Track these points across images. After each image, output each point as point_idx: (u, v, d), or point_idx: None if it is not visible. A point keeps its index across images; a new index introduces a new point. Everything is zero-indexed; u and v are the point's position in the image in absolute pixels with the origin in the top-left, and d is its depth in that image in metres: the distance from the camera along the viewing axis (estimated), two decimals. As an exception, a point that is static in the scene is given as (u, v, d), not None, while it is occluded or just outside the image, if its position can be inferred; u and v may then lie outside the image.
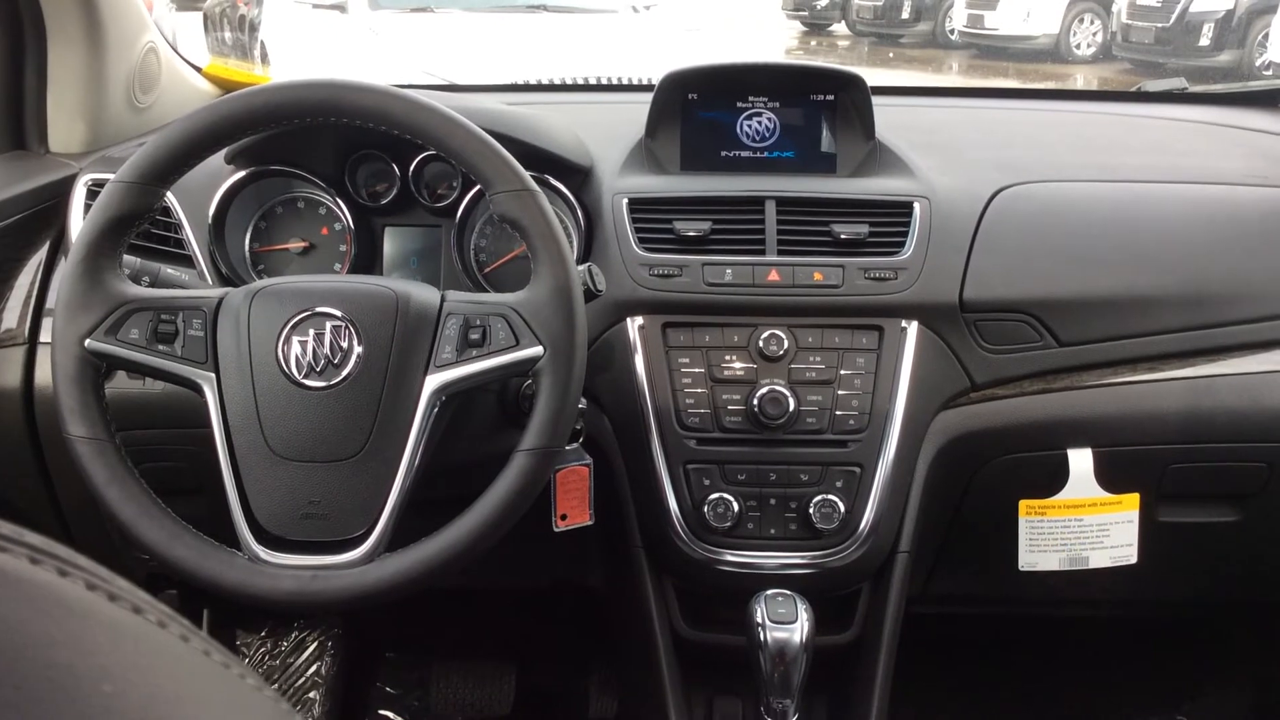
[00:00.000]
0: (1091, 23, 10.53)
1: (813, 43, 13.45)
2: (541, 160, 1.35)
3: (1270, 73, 8.12)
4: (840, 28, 13.45)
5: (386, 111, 1.06)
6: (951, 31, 11.54)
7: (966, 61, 11.12)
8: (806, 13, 13.60)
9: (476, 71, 3.86)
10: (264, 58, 5.67)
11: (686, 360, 1.32)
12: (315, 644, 1.88)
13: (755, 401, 1.29)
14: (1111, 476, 1.37)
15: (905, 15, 12.08)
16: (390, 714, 1.92)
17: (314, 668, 1.87)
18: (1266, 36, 8.58)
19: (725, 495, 1.30)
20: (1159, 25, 9.31)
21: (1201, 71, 8.76)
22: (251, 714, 0.28)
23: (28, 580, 0.25)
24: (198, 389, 1.07)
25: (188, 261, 1.38)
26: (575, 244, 1.39)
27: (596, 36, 5.08)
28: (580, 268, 1.13)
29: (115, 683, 0.24)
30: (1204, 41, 9.04)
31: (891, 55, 11.88)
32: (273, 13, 5.89)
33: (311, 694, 1.85)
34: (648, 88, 1.62)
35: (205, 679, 0.27)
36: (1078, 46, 10.51)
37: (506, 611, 1.98)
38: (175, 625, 0.28)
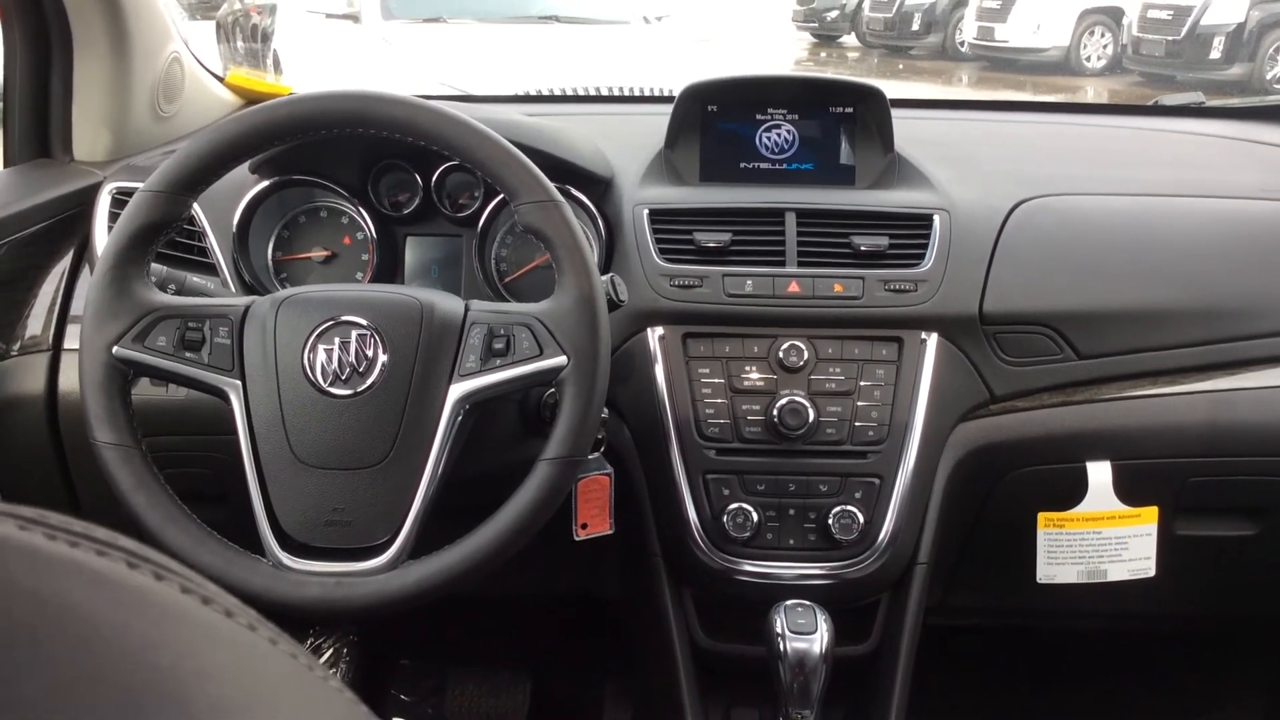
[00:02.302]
0: (1102, 35, 10.52)
1: (822, 54, 13.46)
2: (563, 171, 1.36)
3: (1282, 86, 8.12)
4: (850, 39, 13.46)
5: (414, 123, 1.07)
6: (961, 44, 11.54)
7: (976, 74, 11.12)
8: (816, 24, 13.60)
9: (489, 81, 3.88)
10: (277, 67, 5.70)
11: (707, 370, 1.33)
12: (330, 650, 1.89)
13: (775, 412, 1.29)
14: (1130, 489, 1.37)
15: (915, 27, 12.07)
16: (404, 721, 1.92)
17: (329, 674, 1.87)
18: (1278, 50, 8.58)
19: (744, 505, 1.31)
20: (1170, 38, 9.30)
21: (1212, 84, 8.74)
22: (335, 714, 0.29)
23: (125, 584, 0.26)
24: (224, 396, 1.08)
25: (211, 269, 1.39)
26: (596, 254, 1.39)
27: (609, 47, 5.11)
28: (603, 278, 1.13)
29: (218, 685, 0.24)
30: (1215, 54, 9.02)
31: (901, 67, 11.89)
32: (286, 22, 5.92)
33: (326, 701, 1.85)
34: (667, 99, 1.63)
35: (295, 680, 0.28)
36: (1088, 59, 10.50)
37: (523, 619, 1.98)
38: (264, 629, 0.28)
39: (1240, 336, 1.39)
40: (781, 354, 1.32)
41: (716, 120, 1.50)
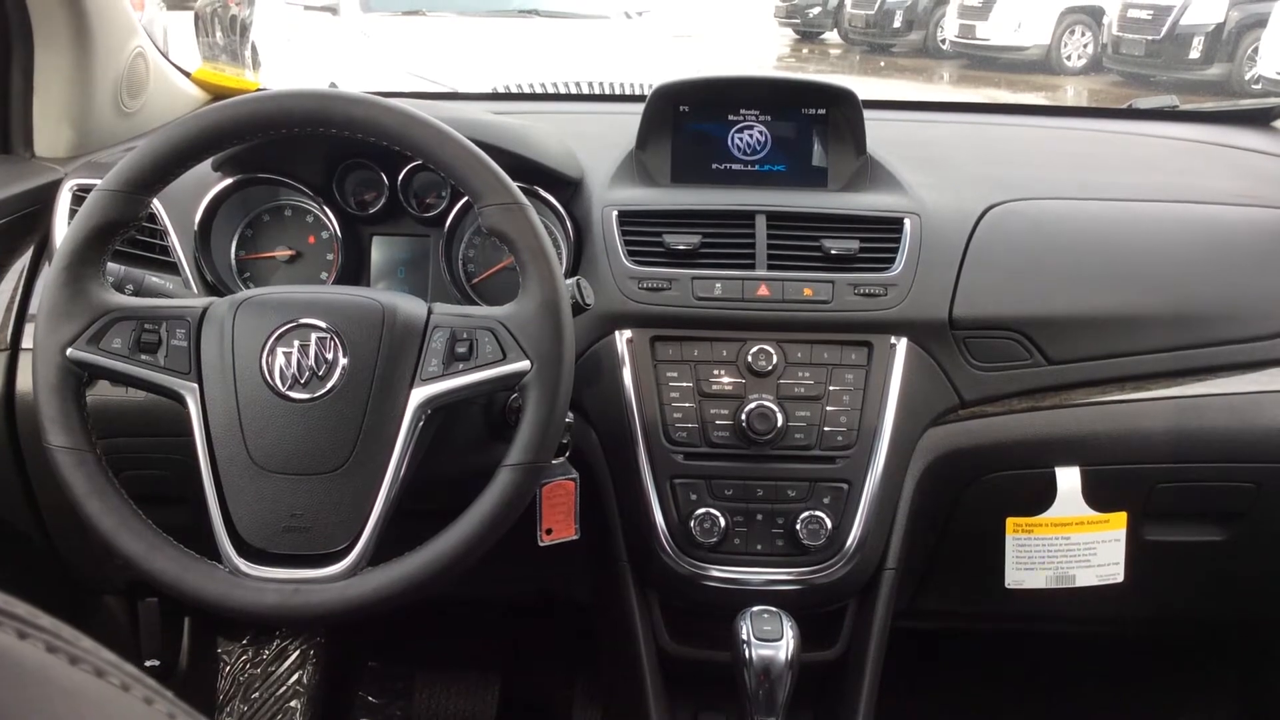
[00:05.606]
0: (1082, 34, 10.56)
1: (804, 51, 13.47)
2: (531, 172, 1.34)
3: (1260, 87, 8.16)
4: (832, 36, 13.47)
5: (376, 123, 1.05)
6: (943, 41, 11.56)
7: (957, 71, 11.14)
8: (799, 20, 13.61)
9: (468, 75, 3.84)
10: (255, 59, 5.65)
11: (675, 374, 1.32)
12: (297, 653, 1.87)
13: (743, 416, 1.28)
14: (1099, 495, 1.37)
15: (897, 24, 12.08)
16: (372, 724, 1.91)
17: (295, 676, 1.86)
18: (1256, 50, 8.62)
19: (712, 510, 1.30)
20: (1149, 38, 9.35)
21: (1191, 84, 8.80)
22: None
23: None
24: (180, 399, 1.06)
25: (173, 268, 1.37)
26: (564, 256, 1.38)
27: (589, 41, 5.08)
28: (569, 281, 1.12)
29: None
30: (1194, 54, 9.08)
31: (883, 64, 11.90)
32: (264, 14, 5.87)
33: (293, 703, 1.84)
34: (639, 98, 1.61)
35: None
36: (1068, 58, 10.54)
37: (491, 621, 1.97)
38: (139, 688, 0.27)
39: (1210, 343, 1.39)
40: (750, 358, 1.31)
41: (688, 120, 1.49)
